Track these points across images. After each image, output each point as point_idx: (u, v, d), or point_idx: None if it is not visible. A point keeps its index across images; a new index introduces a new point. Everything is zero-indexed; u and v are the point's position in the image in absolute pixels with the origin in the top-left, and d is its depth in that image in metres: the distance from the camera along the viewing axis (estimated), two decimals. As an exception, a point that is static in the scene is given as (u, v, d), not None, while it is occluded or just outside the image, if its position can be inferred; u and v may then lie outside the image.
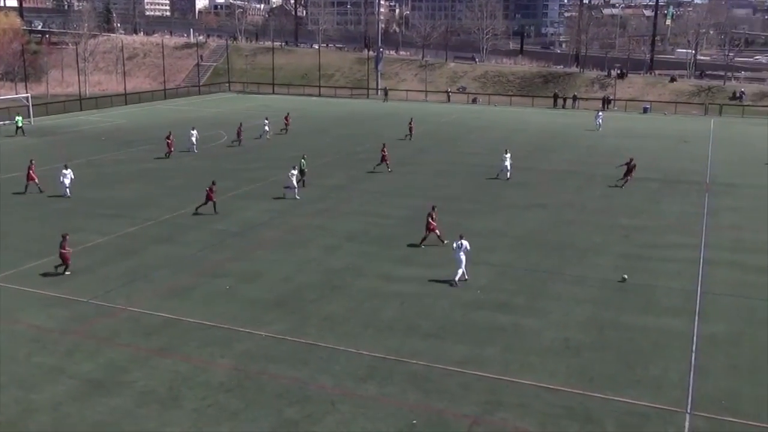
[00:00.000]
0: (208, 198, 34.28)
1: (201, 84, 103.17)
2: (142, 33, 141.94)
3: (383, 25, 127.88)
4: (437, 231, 29.19)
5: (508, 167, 42.34)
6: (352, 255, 28.50)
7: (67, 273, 25.75)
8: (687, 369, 19.13)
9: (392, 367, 19.13)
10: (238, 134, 54.80)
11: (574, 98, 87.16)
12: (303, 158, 40.93)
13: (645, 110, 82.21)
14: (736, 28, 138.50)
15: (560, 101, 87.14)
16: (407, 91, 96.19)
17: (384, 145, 45.26)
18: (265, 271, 26.52)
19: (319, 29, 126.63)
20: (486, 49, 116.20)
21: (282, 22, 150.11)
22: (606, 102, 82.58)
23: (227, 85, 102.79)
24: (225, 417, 16.64)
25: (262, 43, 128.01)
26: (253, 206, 35.85)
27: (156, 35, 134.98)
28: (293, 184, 37.42)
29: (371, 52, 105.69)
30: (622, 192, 39.82)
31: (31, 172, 38.00)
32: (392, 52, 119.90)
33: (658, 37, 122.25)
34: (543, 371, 18.96)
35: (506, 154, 43.02)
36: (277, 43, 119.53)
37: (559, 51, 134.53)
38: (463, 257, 25.18)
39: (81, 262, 26.92)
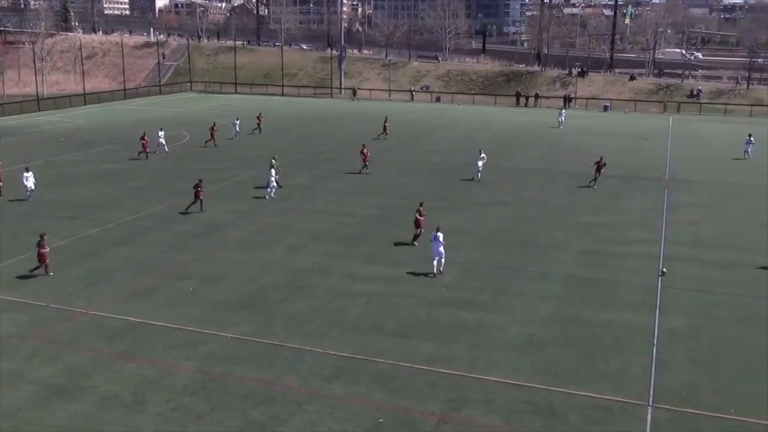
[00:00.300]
0: (197, 196, 34.30)
1: (162, 84, 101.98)
2: (100, 32, 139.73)
3: (346, 24, 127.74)
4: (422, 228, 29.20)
5: (479, 167, 41.99)
6: (317, 254, 28.42)
7: (50, 274, 25.43)
8: (648, 363, 19.44)
9: (358, 366, 19.13)
10: (212, 134, 54.18)
11: (536, 97, 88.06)
12: (273, 158, 40.62)
13: (605, 108, 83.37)
14: (693, 27, 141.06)
15: (522, 100, 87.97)
16: (371, 90, 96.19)
17: (364, 145, 45.14)
18: (229, 272, 26.32)
19: (281, 28, 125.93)
20: (449, 48, 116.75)
21: (244, 21, 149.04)
22: (567, 100, 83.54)
23: (189, 84, 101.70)
24: (190, 420, 16.47)
25: (223, 42, 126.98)
26: (216, 206, 35.52)
27: (115, 34, 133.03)
28: (274, 183, 37.41)
29: (334, 52, 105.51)
30: (584, 189, 40.33)
31: None
32: (355, 51, 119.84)
33: (617, 36, 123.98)
34: (508, 367, 19.12)
35: (481, 154, 42.90)
36: (239, 43, 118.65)
37: (519, 49, 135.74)
38: (441, 249, 25.70)
39: (40, 265, 26.43)
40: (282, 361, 19.40)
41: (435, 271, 25.87)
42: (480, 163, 42.08)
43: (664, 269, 26.45)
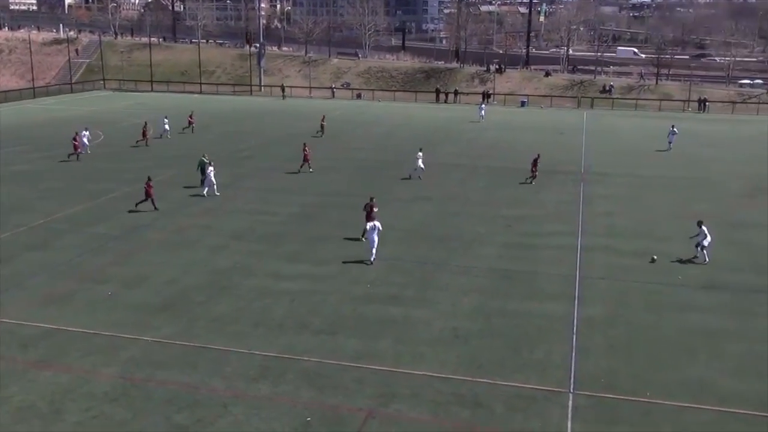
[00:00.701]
0: (147, 194, 33.68)
1: (73, 82, 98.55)
2: (6, 28, 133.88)
3: (265, 21, 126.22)
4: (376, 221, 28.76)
5: (419, 165, 41.76)
6: (239, 254, 28.03)
7: None
8: (569, 351, 19.99)
9: (285, 365, 18.98)
10: (144, 134, 52.62)
11: (456, 93, 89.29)
12: (203, 156, 39.54)
13: (522, 104, 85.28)
14: (604, 25, 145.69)
15: (442, 96, 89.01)
16: (291, 87, 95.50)
17: (305, 144, 44.64)
18: (149, 274, 25.67)
19: (198, 24, 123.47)
20: (369, 45, 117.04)
21: (159, 17, 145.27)
22: (486, 96, 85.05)
23: (102, 82, 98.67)
24: (111, 428, 15.99)
25: (138, 39, 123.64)
26: (133, 208, 34.56)
27: (22, 30, 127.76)
28: (213, 180, 37.08)
29: (253, 48, 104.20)
30: (504, 183, 41.12)
31: None
32: (275, 48, 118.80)
33: (532, 34, 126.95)
34: (434, 361, 19.33)
35: (419, 152, 42.85)
36: (154, 39, 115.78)
37: (438, 46, 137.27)
38: (375, 238, 26.62)
39: (-54, 273, 25.19)
40: (206, 363, 19.05)
41: (374, 258, 26.81)
42: (420, 162, 42.03)
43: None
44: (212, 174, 37.04)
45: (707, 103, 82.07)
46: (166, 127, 55.76)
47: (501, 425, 16.32)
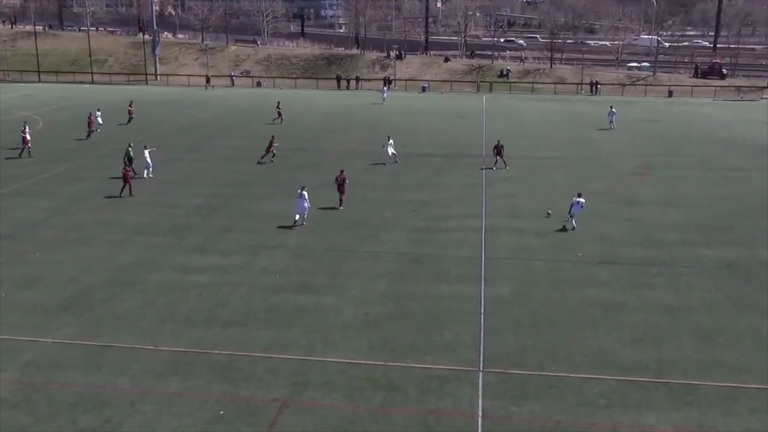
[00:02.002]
0: (125, 180, 34.15)
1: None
2: None
3: (158, 8, 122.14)
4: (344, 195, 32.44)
5: (390, 153, 42.21)
6: (143, 249, 27.20)
7: None
8: (477, 330, 20.46)
9: (194, 360, 18.60)
10: (89, 125, 50.43)
11: (357, 79, 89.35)
12: (129, 147, 38.70)
13: (423, 89, 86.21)
14: (499, 11, 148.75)
15: (344, 82, 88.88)
16: (189, 76, 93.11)
17: (272, 137, 43.85)
18: (45, 273, 24.55)
19: (86, 11, 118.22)
20: (267, 32, 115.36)
21: (43, 5, 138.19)
22: (387, 82, 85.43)
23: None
24: (12, 435, 15.27)
25: (21, 27, 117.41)
26: (25, 205, 32.98)
27: None
28: (149, 161, 38.09)
29: (147, 36, 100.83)
30: (408, 168, 41.50)
31: None
32: (170, 36, 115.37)
33: (431, 19, 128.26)
34: (346, 347, 19.38)
35: (389, 140, 42.95)
36: (39, 27, 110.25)
37: (338, 33, 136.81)
38: (306, 205, 29.28)
39: None
40: (111, 362, 18.44)
41: (297, 223, 29.39)
42: (390, 149, 42.29)
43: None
44: (147, 157, 37.98)
45: (599, 86, 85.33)
46: (99, 120, 53.24)
47: (415, 406, 16.56)
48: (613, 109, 58.23)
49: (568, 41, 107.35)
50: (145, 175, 37.80)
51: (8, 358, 18.60)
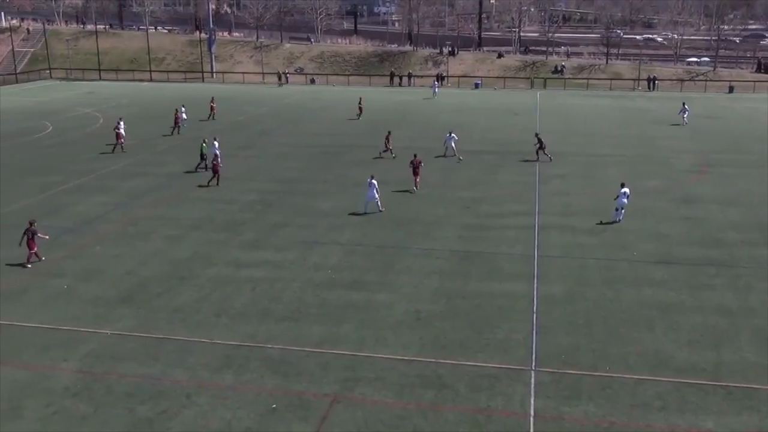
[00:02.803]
0: (215, 171, 36.17)
1: (18, 72, 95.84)
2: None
3: (214, 6, 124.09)
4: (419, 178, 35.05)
5: (453, 147, 43.12)
6: (198, 244, 27.72)
7: (28, 266, 25.04)
8: (530, 329, 20.28)
9: (248, 353, 18.88)
10: (176, 121, 51.60)
11: (410, 76, 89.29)
12: (204, 142, 40.41)
13: (476, 86, 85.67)
14: (554, 5, 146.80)
15: (396, 79, 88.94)
16: (244, 73, 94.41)
17: (389, 132, 44.89)
18: (105, 267, 25.22)
19: (145, 11, 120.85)
20: (321, 30, 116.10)
21: (104, 4, 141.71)
22: (440, 78, 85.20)
23: (48, 72, 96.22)
24: (73, 423, 15.74)
25: (83, 26, 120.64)
26: (86, 200, 33.92)
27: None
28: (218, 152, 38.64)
29: (203, 34, 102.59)
30: (461, 165, 41.32)
31: None
32: (225, 34, 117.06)
33: (484, 15, 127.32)
34: (397, 344, 19.42)
35: (451, 134, 43.67)
36: (100, 27, 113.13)
37: (391, 29, 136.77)
38: (375, 193, 30.77)
39: None
40: (168, 354, 18.86)
41: (368, 210, 31.05)
42: (452, 143, 43.17)
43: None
44: (216, 150, 38.74)
45: (656, 82, 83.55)
46: (184, 116, 54.03)
47: (465, 404, 16.50)
48: (686, 106, 57.12)
49: (625, 36, 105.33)
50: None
51: (70, 348, 19.17)
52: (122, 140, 45.42)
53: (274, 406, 16.42)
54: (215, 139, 40.36)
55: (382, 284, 23.63)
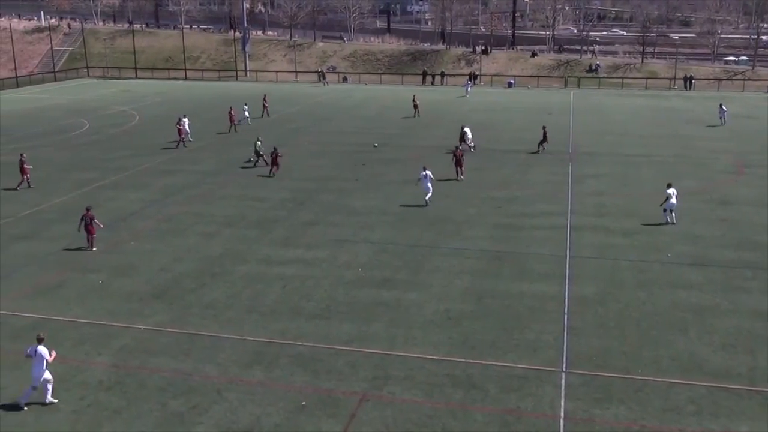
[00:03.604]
0: (274, 162, 38.14)
1: (57, 70, 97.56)
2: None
3: (248, 5, 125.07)
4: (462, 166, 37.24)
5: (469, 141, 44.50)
6: (230, 240, 27.98)
7: (94, 249, 26.60)
8: (560, 330, 20.12)
9: (278, 350, 19.02)
10: (231, 119, 52.23)
11: (442, 75, 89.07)
12: (258, 140, 41.13)
13: (509, 85, 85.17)
14: (589, 4, 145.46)
15: (429, 78, 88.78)
16: (277, 72, 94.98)
17: (462, 126, 45.72)
18: (140, 262, 25.59)
19: (181, 10, 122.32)
20: (354, 28, 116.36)
21: (141, 3, 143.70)
22: (472, 77, 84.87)
23: (85, 70, 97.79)
24: (106, 416, 16.00)
25: (120, 25, 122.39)
26: (121, 196, 34.42)
27: (2, 19, 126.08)
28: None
29: (237, 33, 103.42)
30: (492, 164, 41.14)
31: None
32: (259, 33, 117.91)
33: (518, 14, 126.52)
34: (427, 343, 19.41)
35: (463, 129, 45.06)
36: (137, 26, 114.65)
37: (423, 28, 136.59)
38: (429, 185, 31.97)
39: (-66, 265, 25.08)
40: (199, 350, 19.06)
41: (429, 200, 32.23)
42: (469, 138, 44.61)
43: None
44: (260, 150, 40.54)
45: (693, 81, 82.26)
46: (246, 114, 55.18)
47: (495, 405, 16.43)
48: (724, 107, 56.21)
49: (660, 35, 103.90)
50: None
51: (104, 342, 19.49)
52: (184, 136, 46.73)
53: (304, 403, 16.51)
54: (258, 139, 41.38)
55: (412, 283, 23.63)
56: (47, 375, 16.44)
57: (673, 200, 29.34)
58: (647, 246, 27.11)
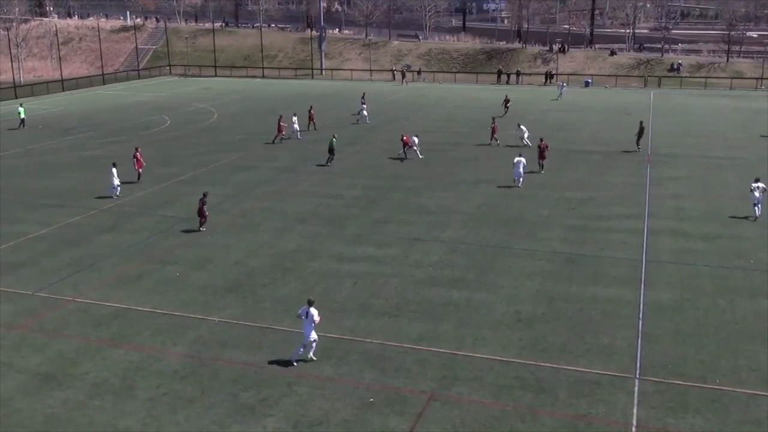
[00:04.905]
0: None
1: (140, 68, 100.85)
2: (76, 16, 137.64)
3: (325, 4, 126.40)
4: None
5: (525, 137, 45.03)
6: (303, 237, 28.38)
7: (202, 229, 28.97)
8: (635, 336, 19.64)
9: (348, 346, 19.19)
10: (279, 129, 48.25)
11: (518, 74, 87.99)
12: (333, 137, 41.51)
13: (587, 84, 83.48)
14: (672, 1, 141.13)
15: (504, 77, 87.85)
16: (352, 70, 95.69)
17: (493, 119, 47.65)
18: (215, 256, 26.23)
19: (260, 9, 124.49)
20: (429, 27, 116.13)
21: (221, 3, 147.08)
22: (549, 76, 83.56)
23: (168, 68, 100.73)
24: (180, 405, 16.48)
25: (202, 24, 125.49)
26: (199, 191, 35.20)
27: (91, 18, 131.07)
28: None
29: (314, 32, 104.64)
30: (568, 165, 40.45)
31: None
32: (335, 32, 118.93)
33: (597, 12, 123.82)
34: (496, 344, 19.25)
35: (520, 126, 45.65)
36: (217, 25, 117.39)
37: (499, 26, 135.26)
38: (522, 170, 34.84)
39: (24, 254, 26.31)
40: (271, 343, 19.42)
41: (520, 184, 34.68)
42: (525, 135, 45.08)
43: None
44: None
45: (782, 81, 78.89)
46: (296, 126, 49.32)
47: (565, 410, 16.18)
48: None
49: (748, 33, 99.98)
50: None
51: (180, 333, 20.07)
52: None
53: (372, 399, 16.62)
54: (334, 136, 41.77)
55: (482, 283, 23.47)
56: (314, 335, 17.83)
57: (757, 194, 28.66)
58: (728, 252, 26.19)
